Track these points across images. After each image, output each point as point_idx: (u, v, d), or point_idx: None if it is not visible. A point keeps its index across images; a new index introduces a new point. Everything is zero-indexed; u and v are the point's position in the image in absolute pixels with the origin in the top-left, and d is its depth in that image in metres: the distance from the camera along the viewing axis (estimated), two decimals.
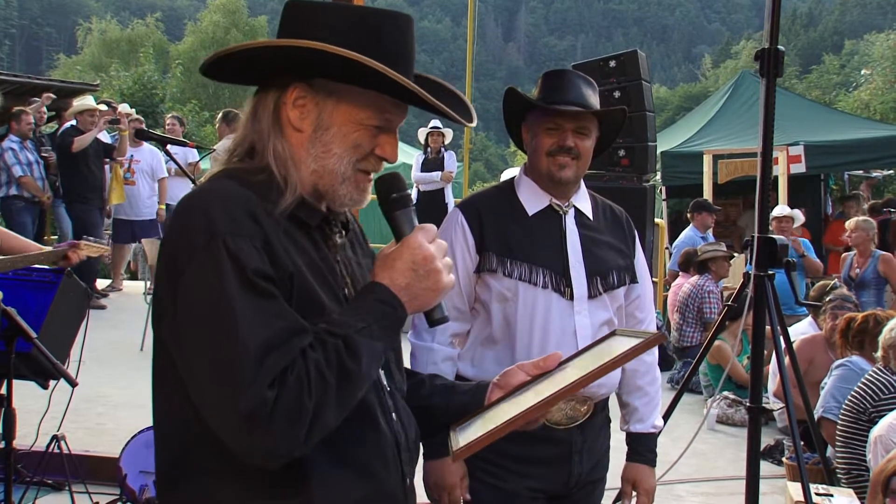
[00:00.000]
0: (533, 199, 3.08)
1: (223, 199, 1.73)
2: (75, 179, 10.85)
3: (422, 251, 1.77)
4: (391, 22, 1.86)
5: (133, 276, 14.46)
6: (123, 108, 12.47)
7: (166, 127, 13.09)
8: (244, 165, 1.86)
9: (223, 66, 1.89)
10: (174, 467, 1.83)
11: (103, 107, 11.61)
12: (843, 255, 10.44)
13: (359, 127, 1.86)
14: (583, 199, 3.14)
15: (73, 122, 11.04)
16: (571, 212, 3.09)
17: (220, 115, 10.87)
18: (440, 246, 1.82)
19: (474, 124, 2.02)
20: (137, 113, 14.57)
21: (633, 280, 3.14)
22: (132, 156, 11.66)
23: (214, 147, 9.94)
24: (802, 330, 7.77)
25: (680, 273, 10.13)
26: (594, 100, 3.02)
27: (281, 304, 1.68)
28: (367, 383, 1.74)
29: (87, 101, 11.36)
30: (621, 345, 1.95)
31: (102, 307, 10.93)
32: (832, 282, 8.49)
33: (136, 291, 11.93)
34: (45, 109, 12.01)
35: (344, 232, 2.00)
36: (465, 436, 1.90)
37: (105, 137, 11.58)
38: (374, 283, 1.78)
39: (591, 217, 3.13)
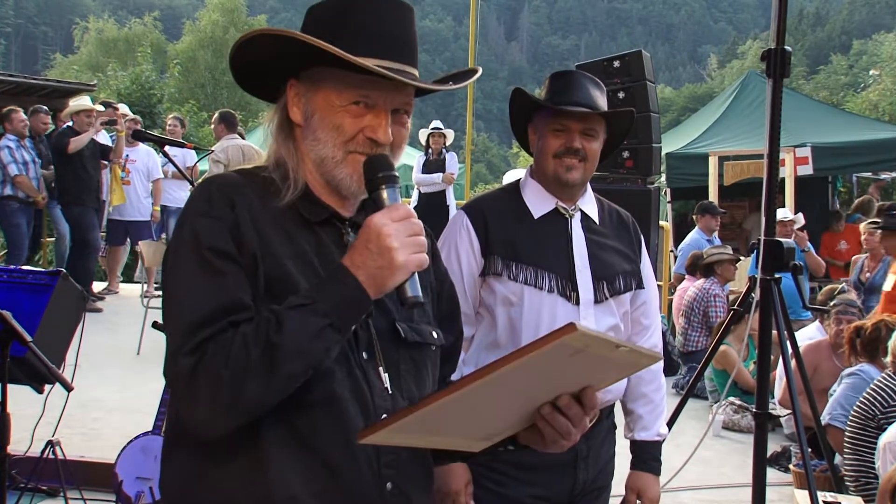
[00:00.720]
0: (539, 202, 3.07)
1: (210, 185, 1.90)
2: (71, 180, 10.83)
3: (376, 229, 1.77)
4: (363, 3, 1.92)
5: (129, 279, 14.42)
6: (122, 108, 12.48)
7: (167, 128, 13.09)
8: (256, 163, 2.02)
9: (247, 81, 2.05)
10: (168, 441, 1.97)
11: (100, 107, 11.61)
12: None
13: (337, 108, 1.92)
14: (589, 203, 3.14)
15: (70, 123, 11.04)
16: (578, 215, 3.08)
17: (217, 115, 10.86)
18: (407, 225, 1.80)
19: (464, 83, 2.06)
20: (135, 113, 14.58)
21: (640, 286, 3.14)
22: (127, 156, 11.67)
23: (213, 148, 9.93)
24: (810, 335, 7.75)
25: (686, 276, 10.13)
26: (602, 101, 3.02)
27: (227, 281, 1.79)
28: (305, 359, 1.74)
29: (83, 101, 11.36)
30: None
31: (99, 310, 10.93)
32: (840, 286, 8.47)
33: (132, 294, 11.92)
34: (49, 119, 11.99)
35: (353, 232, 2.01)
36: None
37: (104, 139, 11.58)
38: (337, 264, 1.81)
39: (597, 221, 3.12)
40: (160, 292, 8.32)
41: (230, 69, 2.00)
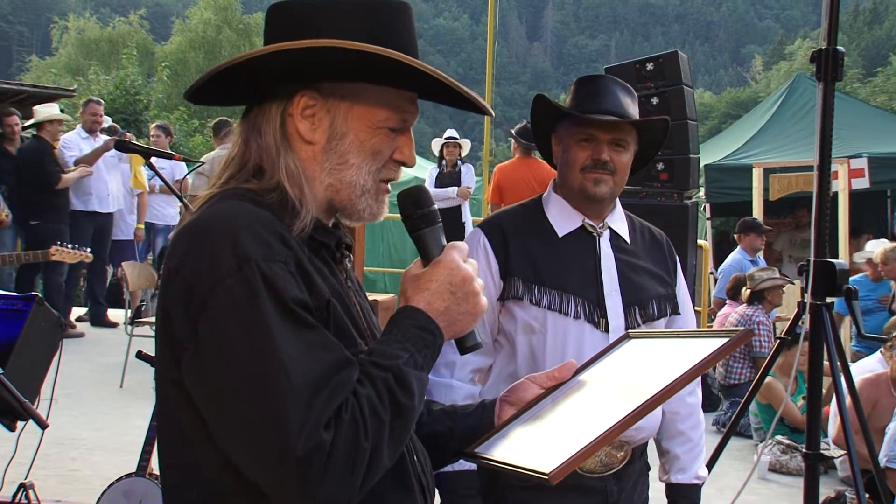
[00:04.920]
0: (563, 219, 3.08)
1: (248, 220, 1.71)
2: (39, 196, 10.70)
3: (460, 272, 1.80)
4: (395, 11, 1.88)
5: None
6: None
7: (151, 138, 13.05)
8: (251, 185, 1.85)
9: (211, 86, 1.87)
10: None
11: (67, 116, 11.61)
12: None
13: (377, 131, 1.87)
14: (619, 220, 3.15)
15: (35, 132, 11.01)
16: (606, 233, 3.09)
17: (213, 126, 10.93)
18: (474, 266, 1.84)
19: (493, 114, 2.03)
20: (119, 122, 14.63)
21: (675, 311, 3.14)
22: None
23: (203, 160, 9.96)
24: (870, 367, 7.70)
25: (727, 301, 10.10)
26: (633, 109, 3.03)
27: (325, 335, 1.69)
28: (416, 418, 1.75)
29: (52, 109, 11.33)
30: (691, 347, 1.95)
31: (80, 335, 10.93)
32: None
33: (115, 321, 11.94)
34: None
35: (350, 254, 2.01)
36: (515, 456, 1.90)
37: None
38: (410, 308, 1.79)
39: (627, 240, 3.13)
40: (146, 319, 8.21)
41: (214, 70, 1.82)
